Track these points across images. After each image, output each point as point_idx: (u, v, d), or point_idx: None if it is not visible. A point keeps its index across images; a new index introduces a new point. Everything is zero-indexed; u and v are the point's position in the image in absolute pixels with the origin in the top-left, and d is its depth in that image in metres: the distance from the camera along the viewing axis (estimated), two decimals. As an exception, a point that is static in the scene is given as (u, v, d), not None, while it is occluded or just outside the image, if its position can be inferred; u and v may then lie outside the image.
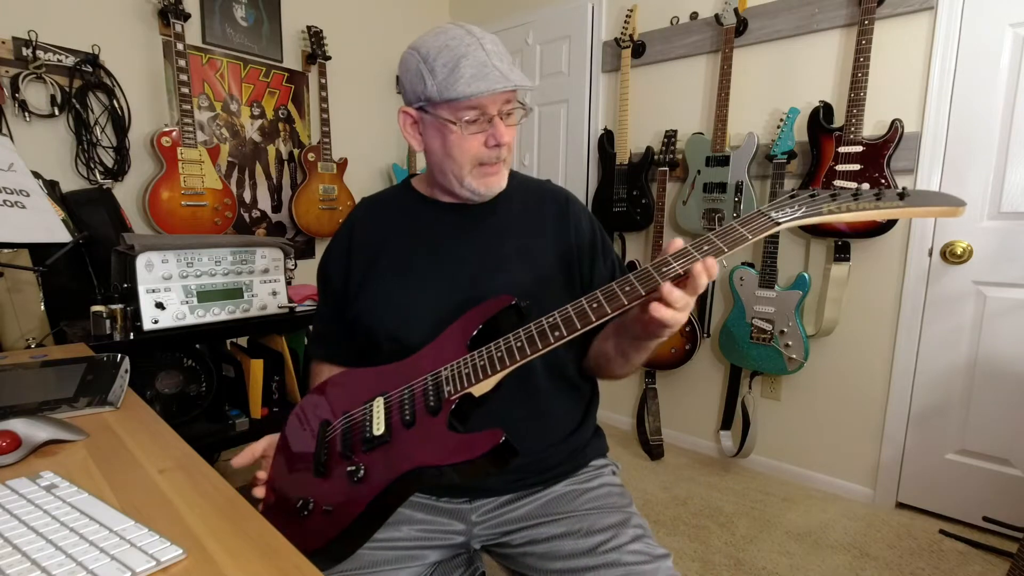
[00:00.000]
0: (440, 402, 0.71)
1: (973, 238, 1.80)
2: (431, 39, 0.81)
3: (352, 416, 0.77)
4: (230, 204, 2.30)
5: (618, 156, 2.47)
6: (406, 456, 0.69)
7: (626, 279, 0.69)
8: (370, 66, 2.93)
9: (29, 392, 0.89)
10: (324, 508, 0.70)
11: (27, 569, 0.45)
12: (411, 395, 0.74)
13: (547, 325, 0.69)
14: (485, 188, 0.87)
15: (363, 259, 0.93)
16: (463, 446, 0.66)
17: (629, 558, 0.78)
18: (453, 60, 0.78)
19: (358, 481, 0.69)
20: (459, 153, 0.84)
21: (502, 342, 0.72)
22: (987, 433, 1.83)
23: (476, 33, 0.81)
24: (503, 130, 0.82)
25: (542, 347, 0.68)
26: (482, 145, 0.83)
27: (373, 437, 0.72)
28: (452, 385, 0.71)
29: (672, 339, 2.34)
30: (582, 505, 0.87)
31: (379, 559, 0.81)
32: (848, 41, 1.95)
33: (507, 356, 0.70)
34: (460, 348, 0.76)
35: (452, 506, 0.89)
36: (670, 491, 2.13)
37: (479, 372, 0.70)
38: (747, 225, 0.68)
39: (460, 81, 0.77)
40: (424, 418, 0.71)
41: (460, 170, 0.85)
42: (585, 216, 0.98)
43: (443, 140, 0.84)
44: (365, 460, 0.71)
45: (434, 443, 0.68)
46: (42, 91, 1.94)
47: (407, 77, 0.85)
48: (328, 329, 0.99)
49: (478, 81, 0.77)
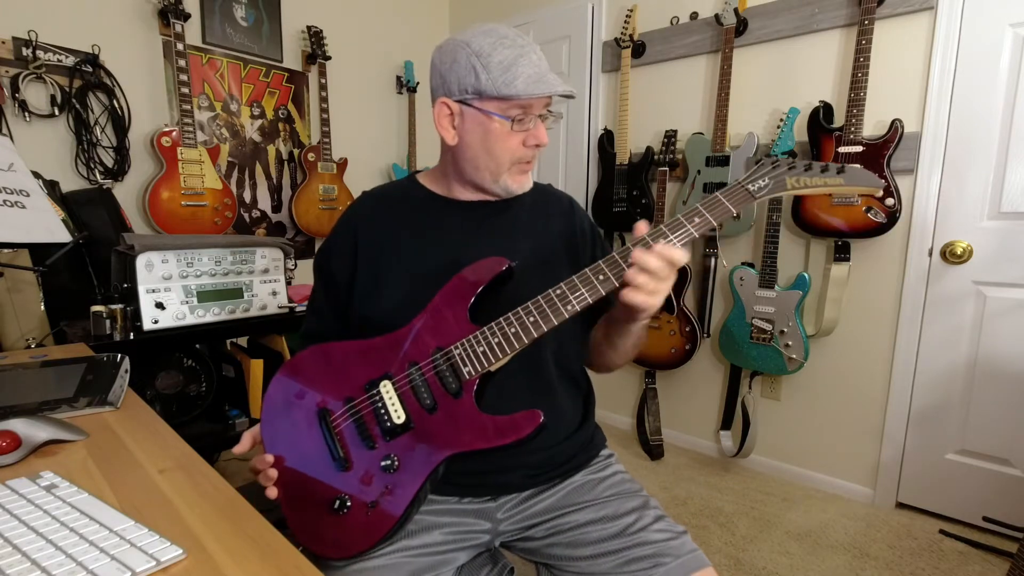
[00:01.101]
0: (460, 385, 0.72)
1: (973, 238, 1.80)
2: (481, 36, 0.83)
3: (358, 404, 0.76)
4: (230, 204, 2.30)
5: (618, 156, 2.47)
6: (444, 441, 0.70)
7: (609, 258, 0.73)
8: (370, 66, 2.93)
9: (29, 392, 0.89)
10: (366, 503, 0.70)
11: (27, 569, 0.45)
12: (423, 378, 0.74)
13: (555, 296, 0.72)
14: (518, 186, 0.89)
15: (371, 256, 0.92)
16: (507, 428, 0.69)
17: (656, 536, 0.82)
18: (511, 59, 0.81)
19: (395, 471, 0.70)
20: (501, 149, 0.85)
21: (513, 317, 0.73)
22: (987, 433, 1.83)
23: (525, 38, 0.85)
24: (544, 131, 0.86)
25: (556, 320, 0.71)
26: (521, 144, 0.86)
27: (395, 426, 0.72)
28: (471, 366, 0.72)
29: (672, 339, 2.34)
30: (602, 493, 0.90)
31: (417, 567, 0.80)
32: (848, 41, 1.95)
33: (522, 332, 0.72)
34: (463, 321, 0.75)
35: (477, 506, 0.89)
36: (670, 491, 2.13)
37: (496, 351, 0.72)
38: (708, 203, 0.73)
39: (519, 79, 0.80)
40: (446, 401, 0.72)
41: (498, 167, 0.87)
42: (587, 220, 1.02)
43: (485, 135, 0.85)
44: (393, 449, 0.72)
45: (469, 427, 0.70)
46: (42, 91, 1.94)
47: (453, 69, 0.84)
48: (325, 325, 0.97)
49: (536, 83, 0.80)
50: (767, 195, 0.73)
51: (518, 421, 0.68)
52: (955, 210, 1.83)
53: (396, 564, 0.78)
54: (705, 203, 0.73)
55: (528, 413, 0.69)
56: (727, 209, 0.73)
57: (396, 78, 3.05)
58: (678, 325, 2.32)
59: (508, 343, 0.72)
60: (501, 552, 0.94)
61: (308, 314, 1.02)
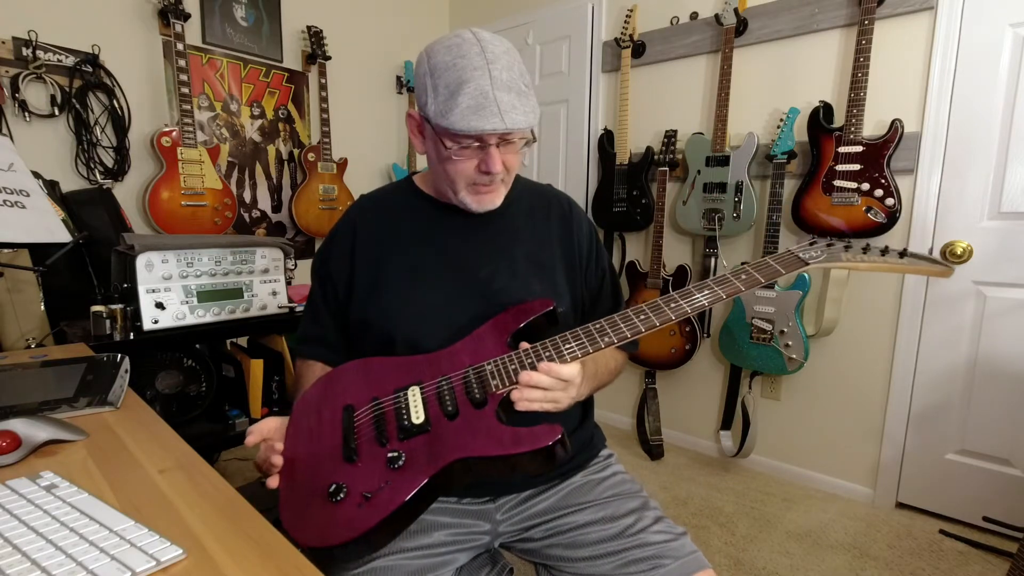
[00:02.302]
0: (485, 395, 0.74)
1: (973, 238, 1.80)
2: (443, 51, 0.79)
3: (382, 403, 0.77)
4: (230, 204, 2.30)
5: (618, 156, 2.47)
6: (456, 445, 0.71)
7: (669, 298, 0.78)
8: (370, 66, 2.93)
9: (29, 392, 0.89)
10: (362, 494, 0.69)
11: (27, 569, 0.45)
12: (451, 387, 0.76)
13: (595, 329, 0.76)
14: (477, 204, 0.87)
15: (369, 259, 0.92)
16: (525, 437, 0.69)
17: (655, 538, 0.82)
18: (455, 84, 0.76)
19: (399, 468, 0.70)
20: (453, 171, 0.84)
21: (549, 343, 0.76)
22: (987, 433, 1.83)
23: (489, 54, 0.77)
24: (496, 159, 0.81)
25: (592, 349, 0.75)
26: (475, 169, 0.83)
27: (413, 425, 0.73)
28: (499, 379, 0.75)
29: (672, 339, 2.34)
30: (602, 494, 0.90)
31: (417, 568, 0.80)
32: (848, 41, 1.95)
33: (556, 357, 0.75)
34: (501, 344, 0.79)
35: (476, 507, 0.89)
36: (670, 491, 2.13)
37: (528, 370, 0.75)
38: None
39: (456, 110, 0.75)
40: (468, 410, 0.74)
41: (454, 186, 0.86)
42: (586, 222, 1.01)
43: (438, 154, 0.84)
44: (403, 447, 0.72)
45: (486, 434, 0.71)
46: (42, 91, 1.94)
47: (417, 80, 0.85)
48: (323, 329, 0.97)
49: (472, 115, 0.75)
50: (818, 265, 0.79)
51: (537, 432, 0.69)
52: (955, 210, 1.83)
53: (396, 566, 0.78)
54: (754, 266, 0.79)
55: (548, 427, 0.69)
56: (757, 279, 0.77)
57: (396, 78, 3.05)
58: (678, 325, 2.32)
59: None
60: (501, 553, 0.94)
61: (305, 317, 1.01)
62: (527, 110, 0.78)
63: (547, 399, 0.74)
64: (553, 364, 0.73)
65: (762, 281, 0.76)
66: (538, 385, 0.73)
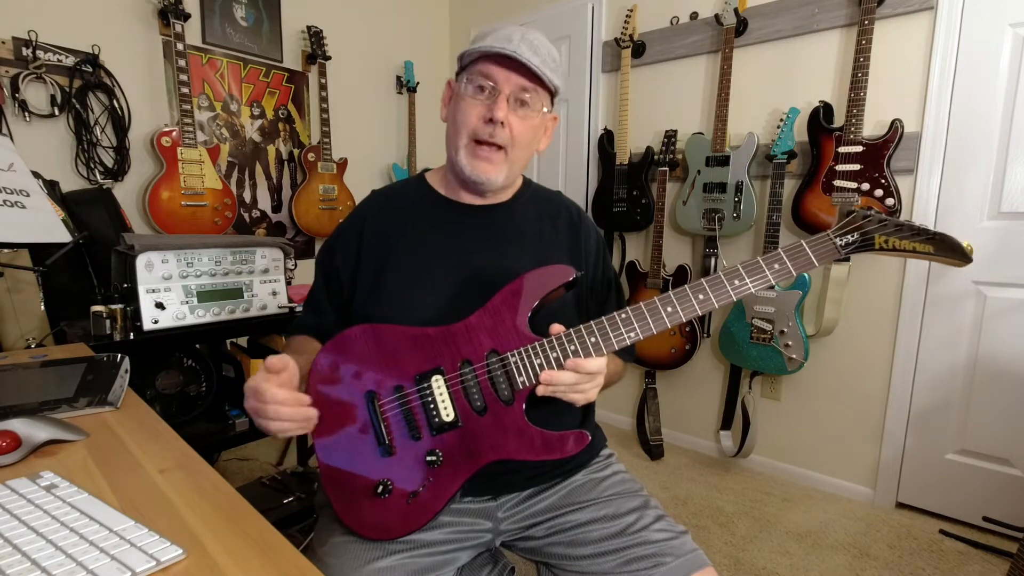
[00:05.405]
0: (513, 393, 0.75)
1: (973, 238, 1.79)
2: (500, 23, 0.88)
3: (408, 395, 0.78)
4: (230, 204, 2.30)
5: (618, 156, 2.47)
6: (489, 446, 0.74)
7: (721, 277, 0.74)
8: (370, 66, 2.93)
9: (29, 392, 0.89)
10: (408, 492, 0.74)
11: (27, 569, 0.45)
12: (476, 381, 0.76)
13: (620, 320, 0.74)
14: (471, 169, 0.87)
15: (376, 255, 0.92)
16: (554, 444, 0.72)
17: (656, 536, 0.82)
18: (488, 30, 0.84)
19: (438, 466, 0.73)
20: (461, 117, 0.86)
21: (575, 335, 0.75)
22: (987, 433, 1.83)
23: (526, 30, 0.85)
24: (501, 107, 0.83)
25: (617, 345, 0.74)
26: (479, 118, 0.84)
27: (444, 423, 0.75)
28: (525, 376, 0.75)
29: (672, 339, 2.34)
30: (603, 492, 0.90)
31: (419, 567, 0.80)
32: (848, 41, 1.95)
33: (582, 352, 0.74)
34: (523, 326, 0.77)
35: (478, 505, 0.89)
36: (670, 491, 2.13)
37: (555, 366, 0.74)
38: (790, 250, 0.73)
39: (477, 43, 0.82)
40: (497, 406, 0.75)
41: (458, 137, 0.87)
42: (594, 232, 1.02)
43: (456, 103, 0.88)
44: (438, 445, 0.74)
45: (517, 436, 0.73)
46: (42, 91, 1.94)
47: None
48: (323, 321, 0.96)
49: (490, 42, 0.81)
50: (853, 251, 0.73)
51: (566, 440, 0.71)
52: (955, 210, 1.83)
53: (398, 565, 0.78)
54: (788, 249, 0.73)
55: (577, 433, 0.72)
56: (810, 260, 0.72)
57: (396, 78, 3.05)
58: (678, 325, 2.32)
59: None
60: (502, 552, 0.94)
61: (305, 309, 0.99)
62: (545, 67, 0.82)
63: (573, 391, 0.74)
64: (580, 360, 0.73)
65: (815, 264, 0.72)
66: (563, 383, 0.73)
